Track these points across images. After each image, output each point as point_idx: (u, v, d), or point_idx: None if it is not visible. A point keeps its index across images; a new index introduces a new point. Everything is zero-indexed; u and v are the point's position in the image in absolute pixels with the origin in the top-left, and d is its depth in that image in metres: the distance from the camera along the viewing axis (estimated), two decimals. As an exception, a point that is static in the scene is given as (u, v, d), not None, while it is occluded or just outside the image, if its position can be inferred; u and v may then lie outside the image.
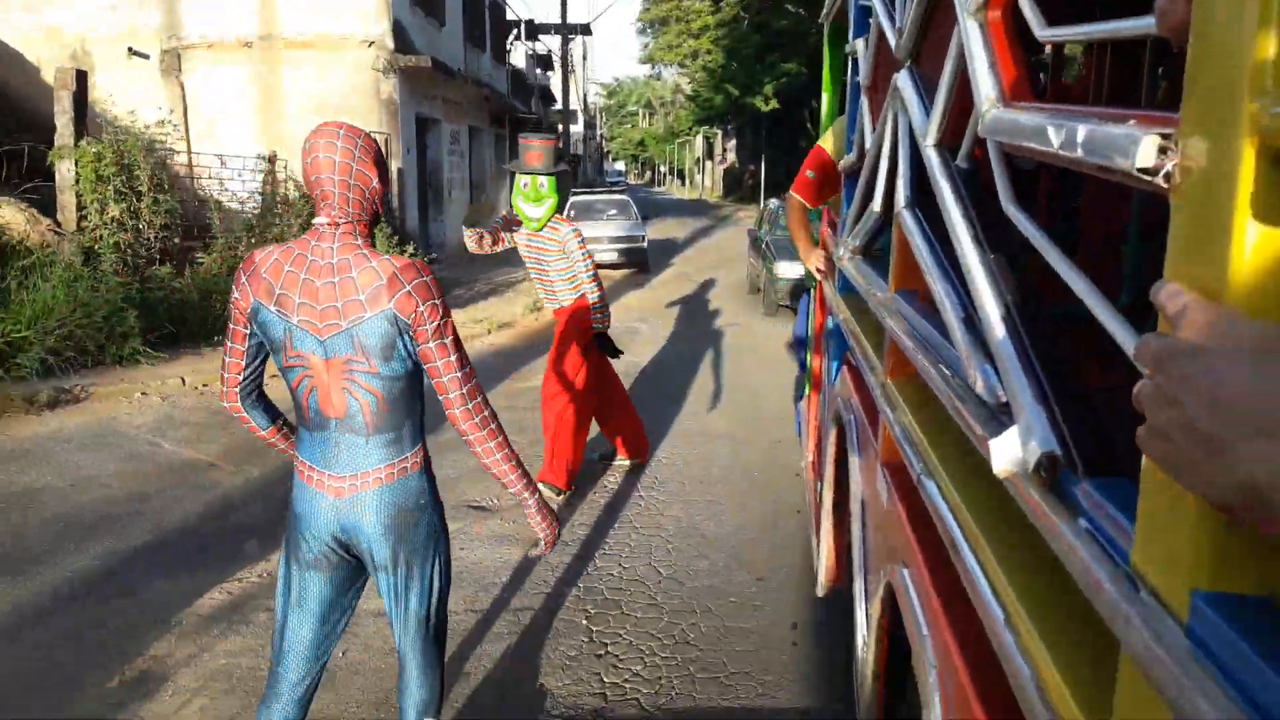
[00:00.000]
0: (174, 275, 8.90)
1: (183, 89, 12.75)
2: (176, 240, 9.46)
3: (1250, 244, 0.57)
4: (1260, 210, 0.57)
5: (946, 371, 1.31)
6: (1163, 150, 0.68)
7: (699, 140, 50.11)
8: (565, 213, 16.70)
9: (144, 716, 2.99)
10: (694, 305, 12.57)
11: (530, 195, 4.67)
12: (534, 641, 3.48)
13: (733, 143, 42.51)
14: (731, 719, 3.01)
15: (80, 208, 8.70)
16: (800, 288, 9.51)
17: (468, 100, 17.94)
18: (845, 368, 2.78)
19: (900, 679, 1.84)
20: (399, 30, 13.81)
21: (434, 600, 2.20)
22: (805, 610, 3.66)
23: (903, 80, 1.83)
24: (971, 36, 1.27)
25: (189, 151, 11.48)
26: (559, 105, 28.35)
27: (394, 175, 13.10)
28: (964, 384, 1.19)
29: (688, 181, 58.95)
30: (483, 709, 3.06)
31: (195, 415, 6.68)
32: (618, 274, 15.69)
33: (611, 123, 74.94)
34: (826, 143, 3.68)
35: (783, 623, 3.60)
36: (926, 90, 1.67)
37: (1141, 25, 0.81)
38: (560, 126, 26.93)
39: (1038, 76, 3.33)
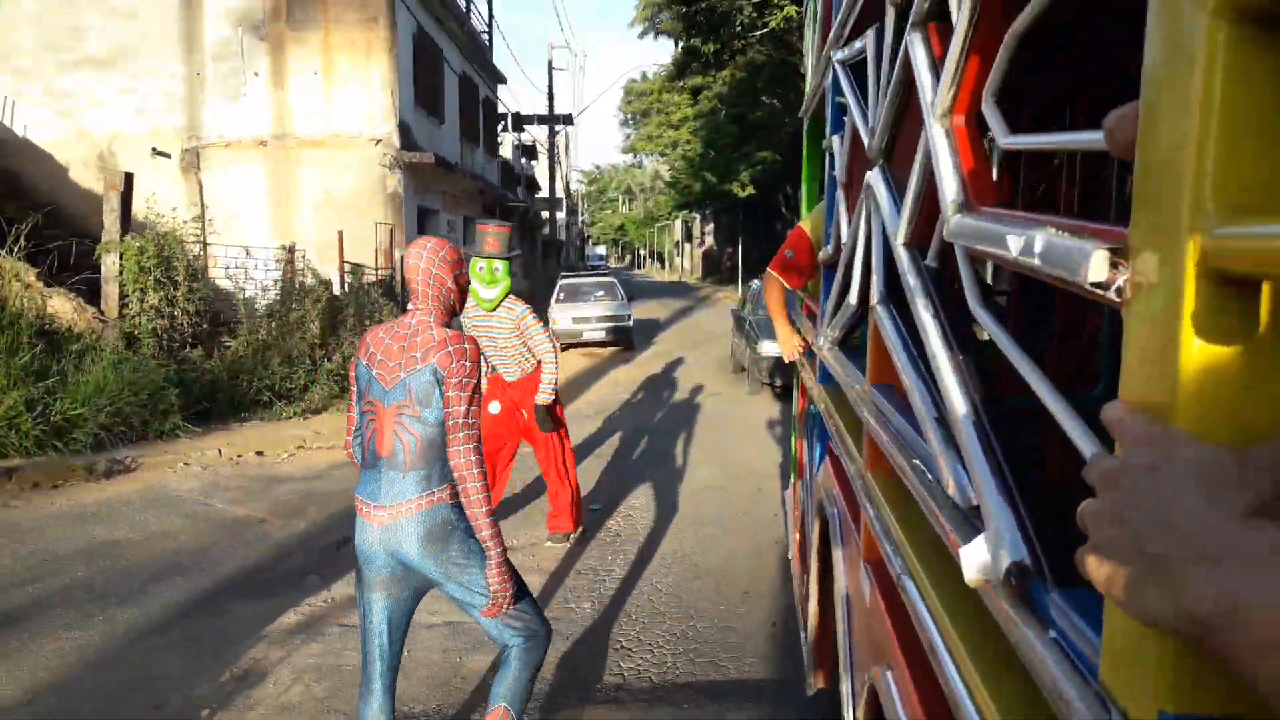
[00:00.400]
0: (204, 357, 9.93)
1: (201, 185, 13.74)
2: (205, 326, 10.49)
3: (1194, 362, 0.58)
4: (1202, 329, 0.57)
5: (921, 469, 1.30)
6: (1114, 265, 0.69)
7: (678, 224, 52.22)
8: (555, 295, 17.50)
9: (256, 698, 3.81)
10: (679, 380, 13.19)
11: (485, 278, 4.99)
12: (559, 641, 4.23)
13: (710, 226, 44.29)
14: (724, 689, 3.81)
15: (122, 297, 9.76)
16: (783, 366, 9.66)
17: (464, 192, 19.18)
18: (828, 457, 2.77)
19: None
20: (404, 129, 14.68)
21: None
22: (783, 615, 4.52)
23: (874, 179, 1.86)
24: (937, 141, 1.30)
25: (204, 243, 12.30)
26: (543, 193, 29.05)
27: (398, 261, 13.75)
28: (937, 484, 1.18)
29: (667, 264, 61.14)
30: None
31: (236, 481, 7.49)
32: (605, 351, 16.49)
33: (593, 208, 76.79)
34: (806, 224, 3.76)
35: (765, 622, 4.46)
36: (897, 190, 1.70)
37: (1094, 139, 0.83)
38: (546, 214, 27.73)
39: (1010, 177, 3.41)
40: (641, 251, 76.09)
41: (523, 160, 30.63)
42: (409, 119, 15.08)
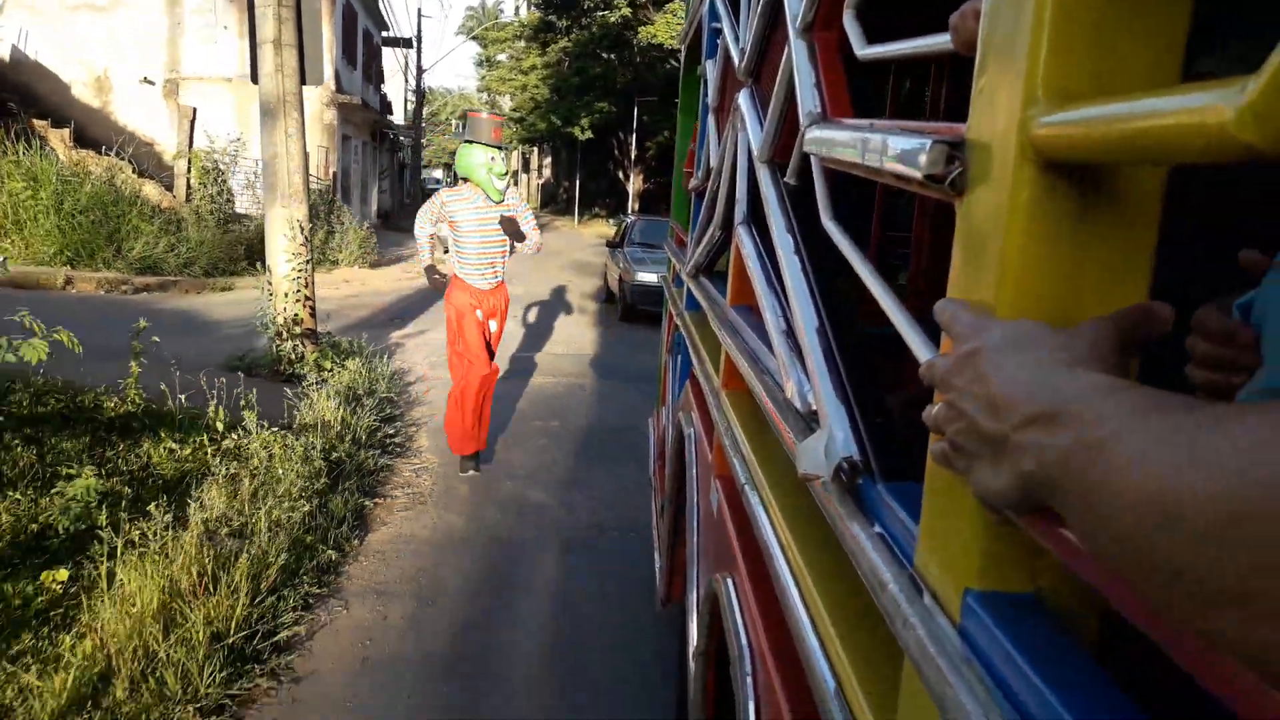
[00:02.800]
0: (241, 228, 14.83)
1: (179, 109, 17.41)
2: (233, 208, 15.61)
3: (1020, 249, 0.59)
4: (1031, 216, 0.59)
5: (770, 382, 1.32)
6: (950, 159, 0.69)
7: (514, 155, 56.28)
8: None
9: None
10: (550, 272, 16.60)
11: (497, 169, 4.84)
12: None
13: (548, 160, 48.98)
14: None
15: (188, 187, 15.56)
16: (655, 294, 9.87)
17: (363, 120, 24.24)
18: (689, 381, 2.80)
19: (729, 694, 1.85)
20: (336, 76, 19.91)
21: None
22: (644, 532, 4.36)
23: (743, 99, 1.86)
24: (799, 55, 1.30)
25: (177, 146, 16.79)
26: (392, 116, 32.48)
27: (333, 174, 19.45)
28: (782, 393, 1.20)
29: None
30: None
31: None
32: None
33: (427, 132, 76.26)
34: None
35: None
36: (763, 109, 1.70)
37: (941, 42, 0.84)
38: (404, 139, 32.59)
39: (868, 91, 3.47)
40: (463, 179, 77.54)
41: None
42: (339, 68, 20.13)
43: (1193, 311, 0.76)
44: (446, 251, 5.34)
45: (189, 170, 15.26)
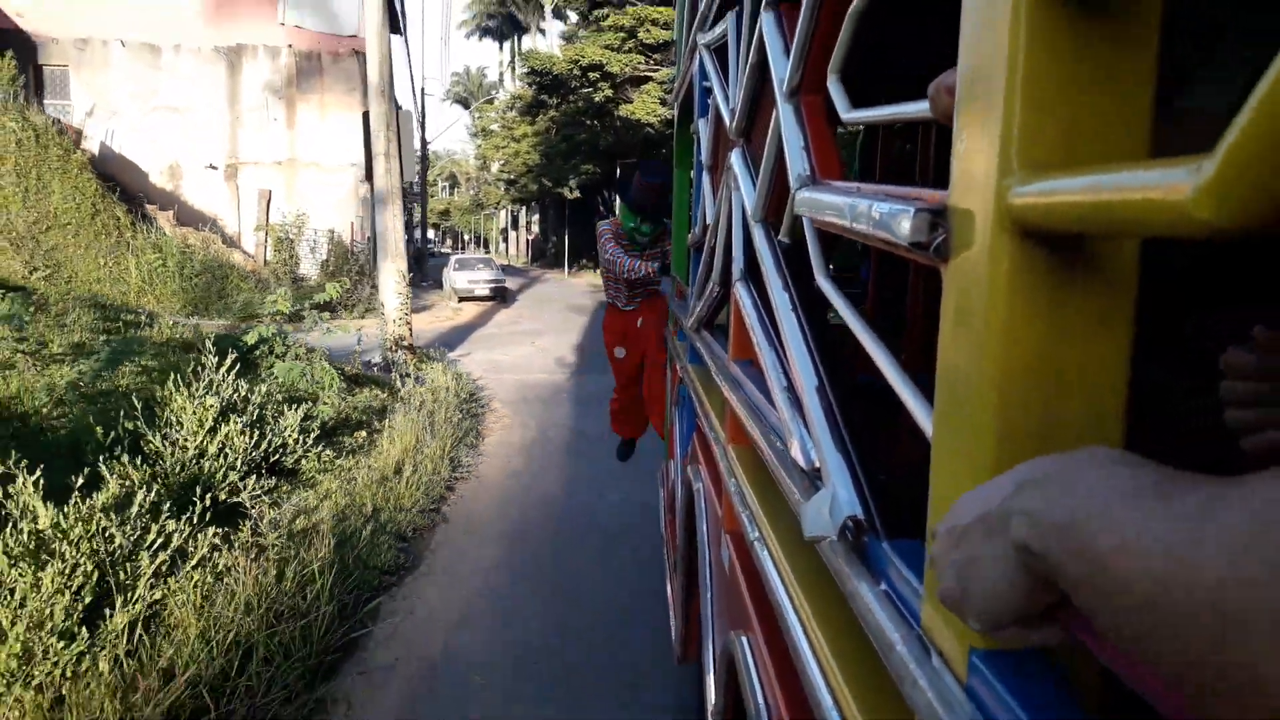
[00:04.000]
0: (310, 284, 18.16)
1: (237, 189, 21.12)
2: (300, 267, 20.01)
3: (1002, 315, 0.61)
4: (1011, 284, 0.61)
5: (773, 438, 1.33)
6: (934, 226, 0.71)
7: (502, 213, 63.90)
8: (451, 266, 24.60)
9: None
10: (553, 313, 20.61)
11: (643, 230, 4.93)
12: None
13: (535, 217, 53.92)
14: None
15: (265, 254, 19.87)
16: None
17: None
18: (695, 435, 2.81)
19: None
20: (367, 157, 21.62)
21: None
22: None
23: (735, 159, 1.89)
24: (786, 118, 1.33)
25: (237, 223, 21.17)
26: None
27: (366, 239, 21.49)
28: (786, 451, 1.22)
29: (493, 249, 69.36)
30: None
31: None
32: (490, 303, 23.30)
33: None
34: None
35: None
36: (754, 168, 1.73)
37: (922, 109, 0.87)
38: (414, 204, 36.33)
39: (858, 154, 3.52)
40: (466, 236, 78.78)
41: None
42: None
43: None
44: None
45: (265, 240, 20.18)
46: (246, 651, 3.37)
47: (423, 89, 37.08)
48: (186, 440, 5.10)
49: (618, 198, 5.09)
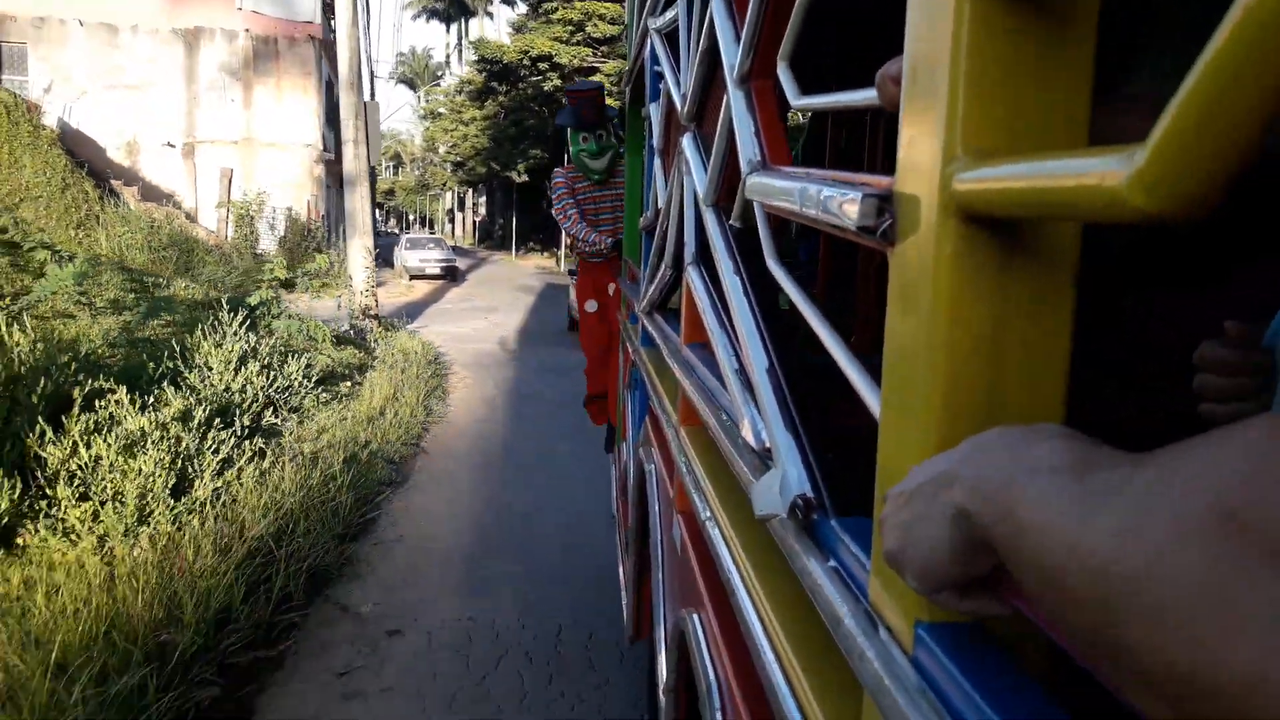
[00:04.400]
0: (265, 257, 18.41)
1: (194, 166, 21.94)
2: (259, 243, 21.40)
3: (947, 297, 0.63)
4: (955, 267, 0.62)
5: (725, 419, 1.35)
6: (880, 211, 0.73)
7: (448, 194, 65.22)
8: (402, 245, 25.20)
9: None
10: (502, 292, 22.06)
11: (590, 149, 4.82)
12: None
13: (483, 199, 55.52)
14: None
15: (227, 231, 20.94)
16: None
17: (336, 171, 28.19)
18: (648, 417, 2.83)
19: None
20: (323, 138, 23.58)
21: None
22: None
23: (687, 143, 1.90)
24: (737, 104, 1.34)
25: (195, 199, 22.02)
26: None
27: (321, 219, 22.97)
28: (737, 432, 1.23)
29: (438, 229, 69.83)
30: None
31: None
32: (440, 282, 24.17)
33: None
34: None
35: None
36: (705, 153, 1.75)
37: (869, 96, 0.88)
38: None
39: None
40: (411, 216, 78.76)
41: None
42: (324, 132, 23.59)
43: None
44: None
45: (228, 216, 21.09)
46: (294, 521, 4.76)
47: (372, 73, 37.24)
48: (216, 378, 6.51)
49: (565, 129, 4.96)
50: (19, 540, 4.09)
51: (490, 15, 53.76)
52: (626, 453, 3.61)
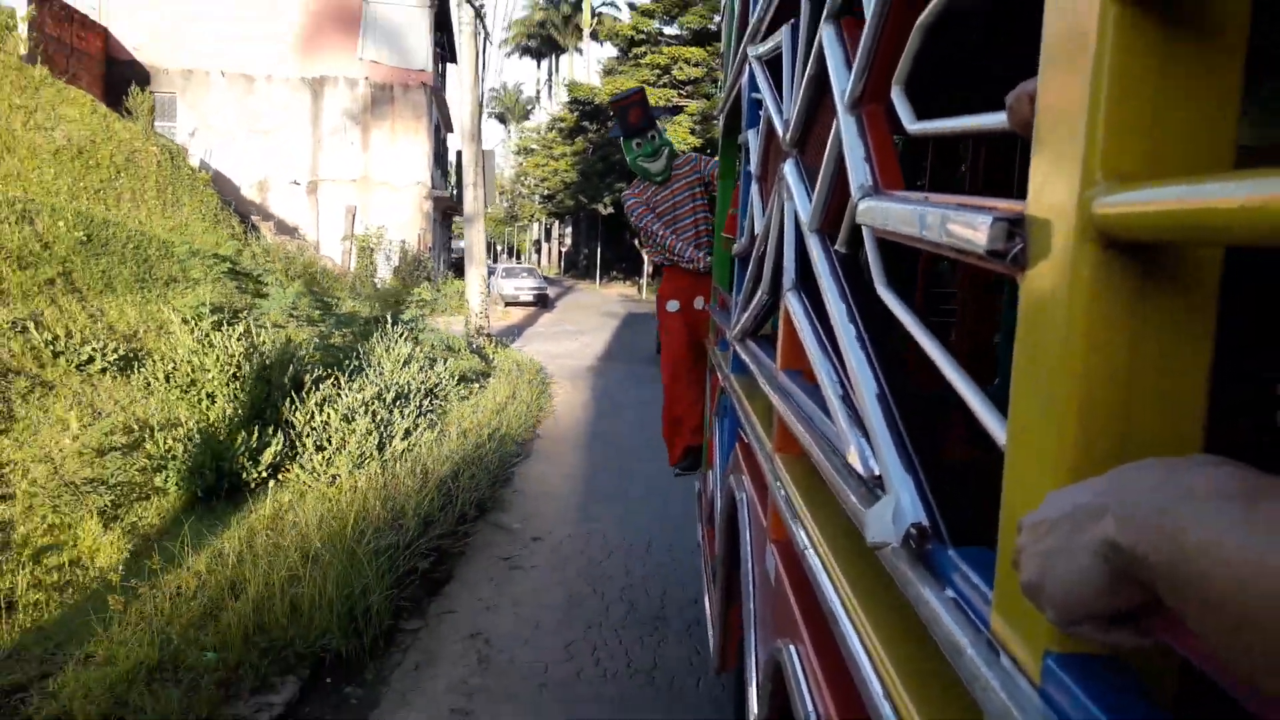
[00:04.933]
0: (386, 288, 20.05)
1: (317, 202, 23.88)
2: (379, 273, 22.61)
3: (1083, 324, 0.62)
4: (1093, 292, 0.61)
5: (827, 446, 1.34)
6: (1010, 235, 0.72)
7: (535, 226, 68.16)
8: (498, 274, 25.37)
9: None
10: (590, 317, 24.18)
11: (645, 152, 4.74)
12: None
13: (568, 230, 58.25)
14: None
15: (350, 262, 22.30)
16: None
17: (441, 205, 29.26)
18: (738, 445, 2.82)
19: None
20: (432, 177, 25.64)
21: None
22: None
23: (789, 169, 1.90)
24: (848, 129, 1.34)
25: (316, 233, 23.86)
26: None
27: (429, 251, 24.91)
28: (842, 458, 1.22)
29: (524, 259, 73.11)
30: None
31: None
32: (533, 309, 26.18)
33: None
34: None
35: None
36: (809, 179, 1.74)
37: (996, 121, 0.87)
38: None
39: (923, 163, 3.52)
40: (499, 246, 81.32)
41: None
42: (432, 171, 25.64)
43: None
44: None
45: (351, 249, 22.70)
46: (460, 470, 6.66)
47: (471, 109, 40.36)
48: (388, 374, 8.48)
49: (621, 139, 4.86)
50: (281, 475, 6.29)
51: (580, 51, 55.58)
52: (714, 481, 3.60)
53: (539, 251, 68.70)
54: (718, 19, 31.02)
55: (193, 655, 3.59)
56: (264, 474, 6.20)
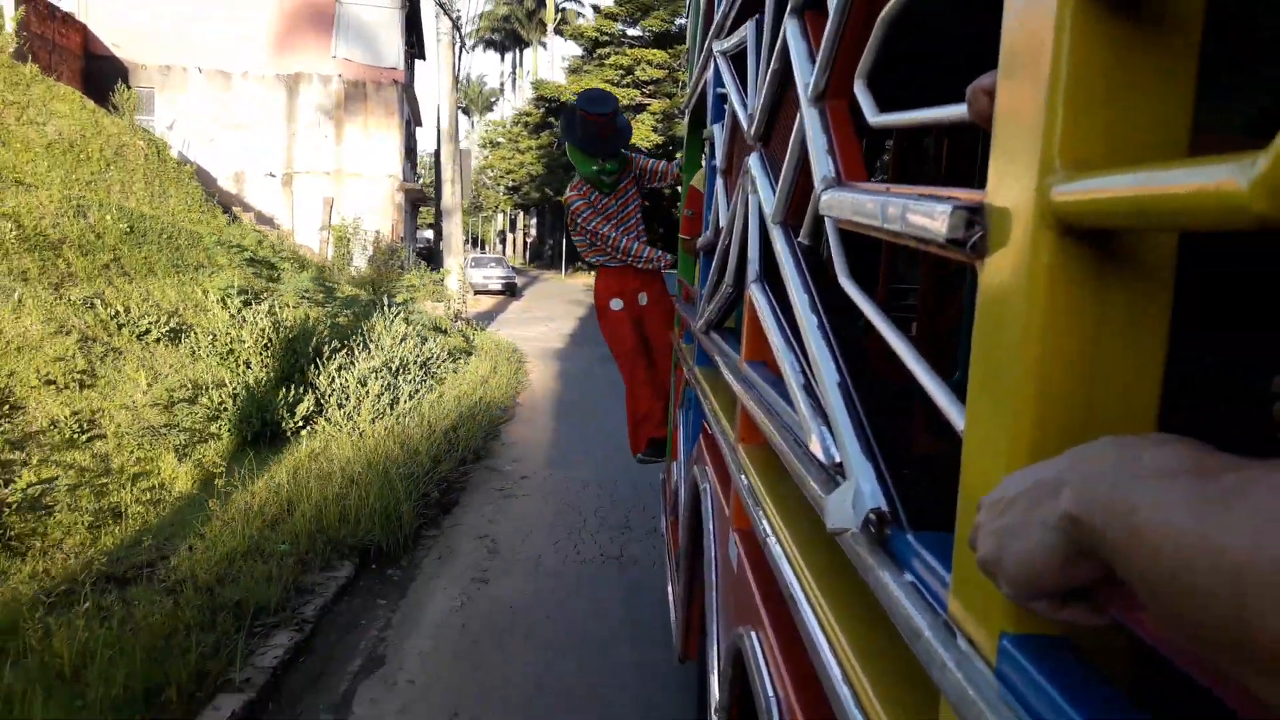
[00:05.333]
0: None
1: (292, 194, 24.40)
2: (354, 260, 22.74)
3: (1042, 310, 0.63)
4: (1052, 279, 0.62)
5: (790, 435, 1.35)
6: (970, 223, 0.73)
7: (498, 216, 69.29)
8: (467, 262, 24.97)
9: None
10: (556, 305, 25.67)
11: (609, 169, 4.70)
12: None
13: (534, 220, 59.85)
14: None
15: (328, 251, 22.26)
16: None
17: (409, 196, 29.63)
18: (702, 436, 2.83)
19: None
20: (403, 169, 26.26)
21: None
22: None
23: (753, 162, 1.91)
24: (811, 122, 1.35)
25: (292, 223, 23.99)
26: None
27: (400, 240, 25.40)
28: (804, 447, 1.23)
29: (488, 248, 73.00)
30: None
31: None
32: (501, 297, 27.86)
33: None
34: (696, 181, 3.87)
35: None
36: (773, 172, 1.75)
37: (956, 112, 0.89)
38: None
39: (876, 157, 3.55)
40: (464, 238, 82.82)
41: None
42: (403, 164, 26.39)
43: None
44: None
45: (329, 238, 23.03)
46: (458, 424, 8.10)
47: (437, 107, 41.57)
48: (388, 348, 9.71)
49: (565, 144, 4.74)
50: (312, 427, 7.69)
51: (544, 45, 56.36)
52: (678, 472, 3.61)
53: (503, 242, 69.32)
54: (679, 22, 33.33)
55: (271, 546, 4.79)
56: (298, 424, 7.64)
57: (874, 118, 1.15)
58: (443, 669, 3.92)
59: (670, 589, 3.58)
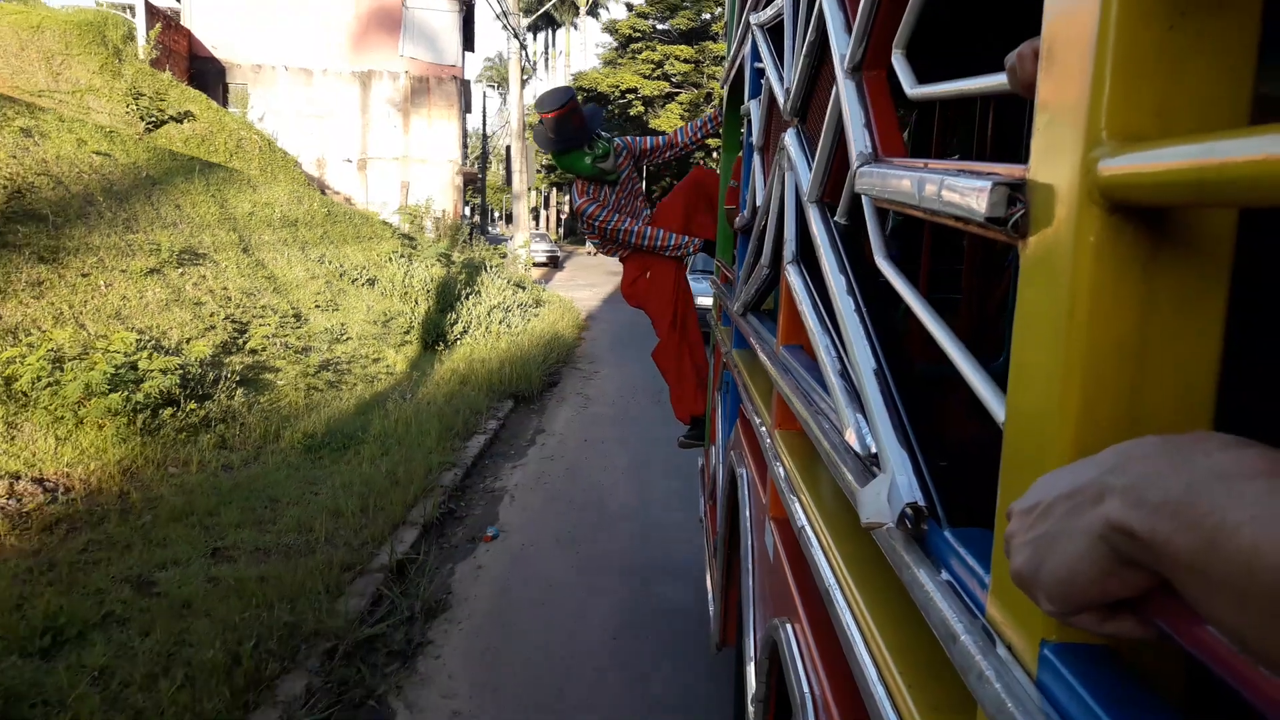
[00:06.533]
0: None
1: (366, 177, 27.54)
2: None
3: (1088, 291, 0.58)
4: (1098, 257, 0.58)
5: (826, 423, 1.31)
6: (1012, 200, 0.68)
7: (533, 194, 72.43)
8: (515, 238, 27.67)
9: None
10: (596, 274, 29.38)
11: (599, 154, 4.71)
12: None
13: (567, 197, 63.14)
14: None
15: (404, 229, 22.74)
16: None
17: (467, 178, 33.44)
18: (739, 421, 2.79)
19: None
20: (462, 154, 29.27)
21: None
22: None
23: (789, 139, 1.86)
24: (848, 94, 1.30)
25: (366, 203, 26.55)
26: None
27: (461, 218, 28.98)
28: (839, 436, 1.19)
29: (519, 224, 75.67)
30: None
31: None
32: (545, 268, 31.19)
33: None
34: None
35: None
36: (810, 148, 1.70)
37: (997, 82, 0.83)
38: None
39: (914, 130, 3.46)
40: (497, 213, 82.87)
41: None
42: (461, 149, 29.50)
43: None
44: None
45: (404, 217, 26.21)
46: (551, 343, 12.46)
47: (484, 93, 47.72)
48: (490, 297, 14.39)
49: (555, 157, 4.75)
50: (464, 340, 11.89)
51: (575, 27, 58.18)
52: (716, 457, 3.57)
53: (537, 218, 70.08)
54: (705, 18, 37.13)
55: (466, 391, 9.01)
56: (457, 337, 12.04)
57: (912, 89, 1.09)
58: (572, 432, 8.40)
59: (708, 575, 3.55)
